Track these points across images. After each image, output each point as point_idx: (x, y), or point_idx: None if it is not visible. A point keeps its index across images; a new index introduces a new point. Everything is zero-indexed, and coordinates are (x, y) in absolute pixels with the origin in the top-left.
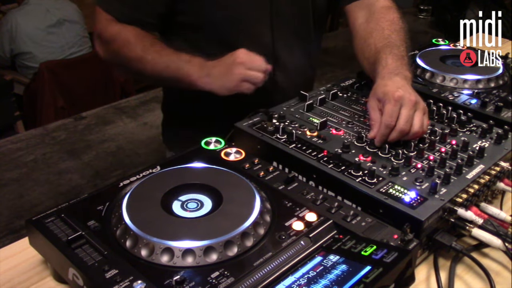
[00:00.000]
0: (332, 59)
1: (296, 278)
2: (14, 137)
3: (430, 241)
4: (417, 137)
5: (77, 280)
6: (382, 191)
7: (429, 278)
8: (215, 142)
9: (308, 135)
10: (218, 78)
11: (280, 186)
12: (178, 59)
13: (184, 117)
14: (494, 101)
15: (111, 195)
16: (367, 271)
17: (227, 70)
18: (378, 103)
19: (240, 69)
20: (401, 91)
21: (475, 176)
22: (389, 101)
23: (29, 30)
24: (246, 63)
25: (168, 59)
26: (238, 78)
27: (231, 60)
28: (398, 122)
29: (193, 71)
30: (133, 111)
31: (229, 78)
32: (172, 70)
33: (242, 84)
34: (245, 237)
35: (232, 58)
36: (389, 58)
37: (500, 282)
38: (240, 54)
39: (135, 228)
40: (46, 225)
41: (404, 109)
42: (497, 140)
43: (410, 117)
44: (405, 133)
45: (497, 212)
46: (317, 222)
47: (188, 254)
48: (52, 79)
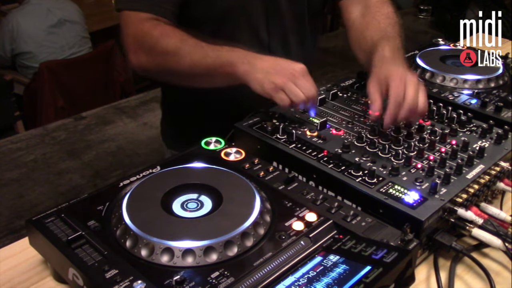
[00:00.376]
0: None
1: (296, 278)
2: (14, 137)
3: (430, 241)
4: (422, 115)
5: (77, 280)
6: (382, 191)
7: (429, 278)
8: (215, 142)
9: (308, 135)
10: (261, 73)
11: (280, 186)
12: (219, 48)
13: (184, 116)
14: (494, 101)
15: (111, 195)
16: (367, 271)
17: (274, 71)
18: (380, 86)
19: (287, 79)
20: (404, 72)
21: (475, 176)
22: (394, 81)
23: (30, 30)
24: (298, 79)
25: (208, 49)
26: (279, 85)
27: (284, 65)
28: (405, 99)
29: (235, 57)
30: (133, 111)
31: (271, 79)
32: (211, 59)
33: (280, 93)
34: (245, 237)
35: (286, 64)
36: (386, 50)
37: (500, 282)
38: (297, 66)
39: (135, 228)
40: (46, 225)
41: (409, 88)
42: (497, 140)
43: (416, 95)
44: (413, 110)
45: (497, 212)
46: (317, 222)
47: (188, 254)
48: (52, 79)
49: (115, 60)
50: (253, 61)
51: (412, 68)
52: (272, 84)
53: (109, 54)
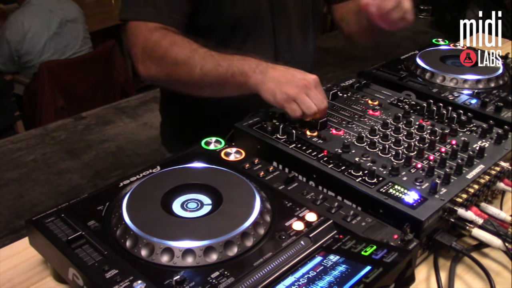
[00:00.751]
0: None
1: (296, 278)
2: (14, 137)
3: (430, 241)
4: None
5: (77, 280)
6: (382, 191)
7: (429, 278)
8: (215, 142)
9: (308, 135)
10: (273, 82)
11: (280, 186)
12: (230, 58)
13: (184, 117)
14: (494, 101)
15: (111, 195)
16: (367, 271)
17: (287, 81)
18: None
19: (300, 89)
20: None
21: (475, 176)
22: None
23: (35, 32)
24: (310, 90)
25: (219, 57)
26: (292, 96)
27: (297, 76)
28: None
29: (247, 67)
30: (133, 111)
31: (284, 89)
32: (223, 68)
33: (291, 103)
34: (245, 237)
35: (299, 75)
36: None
37: (500, 282)
38: (310, 78)
39: (135, 228)
40: (46, 225)
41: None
42: (497, 140)
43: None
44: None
45: (497, 212)
46: (317, 222)
47: (188, 254)
48: (52, 79)
49: (115, 60)
50: (265, 71)
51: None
52: (285, 94)
53: (109, 54)
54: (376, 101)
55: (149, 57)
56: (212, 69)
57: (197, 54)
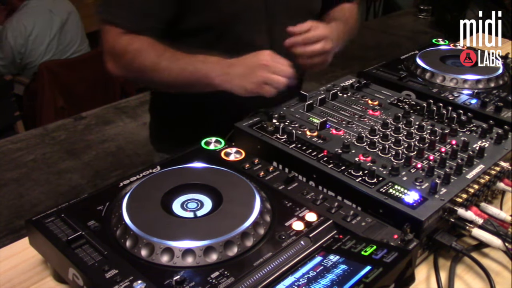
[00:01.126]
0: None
1: (296, 278)
2: (14, 137)
3: (430, 241)
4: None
5: (77, 280)
6: (382, 191)
7: (429, 278)
8: (215, 142)
9: (308, 135)
10: (238, 78)
11: (280, 186)
12: (194, 60)
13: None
14: (494, 101)
15: (111, 195)
16: (367, 271)
17: (249, 71)
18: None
19: (263, 72)
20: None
21: (475, 176)
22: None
23: (37, 33)
24: (271, 66)
25: (183, 62)
26: (260, 81)
27: (254, 61)
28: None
29: (210, 70)
30: (133, 111)
31: (250, 79)
32: (188, 72)
33: (263, 87)
34: (245, 237)
35: (255, 59)
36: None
37: (500, 282)
38: (265, 56)
39: (135, 228)
40: (46, 225)
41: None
42: (497, 140)
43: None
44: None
45: (497, 212)
46: (317, 222)
47: (188, 254)
48: (52, 79)
49: None
50: (226, 70)
51: (412, 68)
52: (253, 84)
53: None
54: (376, 101)
55: (116, 61)
56: (178, 74)
57: (164, 59)
